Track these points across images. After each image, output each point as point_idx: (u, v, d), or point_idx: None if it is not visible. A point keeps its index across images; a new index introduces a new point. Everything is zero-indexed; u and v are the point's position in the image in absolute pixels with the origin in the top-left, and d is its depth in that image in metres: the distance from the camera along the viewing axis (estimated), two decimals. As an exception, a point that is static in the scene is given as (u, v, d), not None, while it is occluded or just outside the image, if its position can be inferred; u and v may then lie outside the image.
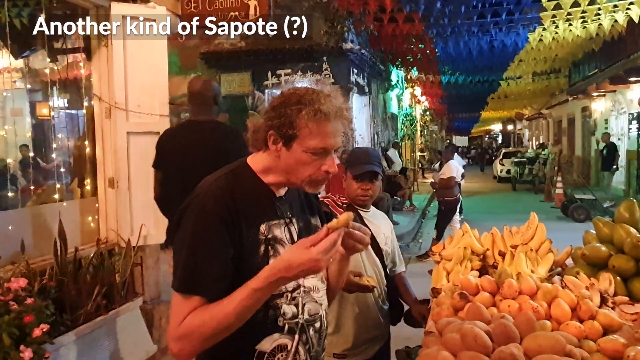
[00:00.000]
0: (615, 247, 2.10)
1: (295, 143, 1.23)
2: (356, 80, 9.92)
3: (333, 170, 1.25)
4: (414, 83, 17.41)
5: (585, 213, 10.62)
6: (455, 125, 38.96)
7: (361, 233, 1.26)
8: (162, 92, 3.67)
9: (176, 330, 1.17)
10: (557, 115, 23.45)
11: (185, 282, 1.20)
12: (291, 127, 1.22)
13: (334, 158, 1.26)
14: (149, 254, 3.88)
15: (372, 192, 2.25)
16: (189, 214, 1.24)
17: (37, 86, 4.07)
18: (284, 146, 1.24)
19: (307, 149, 1.23)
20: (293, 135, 1.22)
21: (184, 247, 1.21)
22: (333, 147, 1.25)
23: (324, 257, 1.14)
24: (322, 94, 1.24)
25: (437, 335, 1.62)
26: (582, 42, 11.21)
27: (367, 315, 2.24)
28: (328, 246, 1.14)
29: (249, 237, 1.24)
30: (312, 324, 1.33)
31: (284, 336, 1.28)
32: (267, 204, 1.31)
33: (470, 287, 1.87)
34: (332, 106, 1.23)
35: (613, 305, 1.82)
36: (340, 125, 1.27)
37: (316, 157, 1.24)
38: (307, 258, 1.13)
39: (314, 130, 1.22)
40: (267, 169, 1.31)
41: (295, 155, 1.24)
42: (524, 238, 2.33)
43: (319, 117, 1.21)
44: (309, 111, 1.21)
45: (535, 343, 1.32)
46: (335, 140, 1.25)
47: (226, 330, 1.17)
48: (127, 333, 3.44)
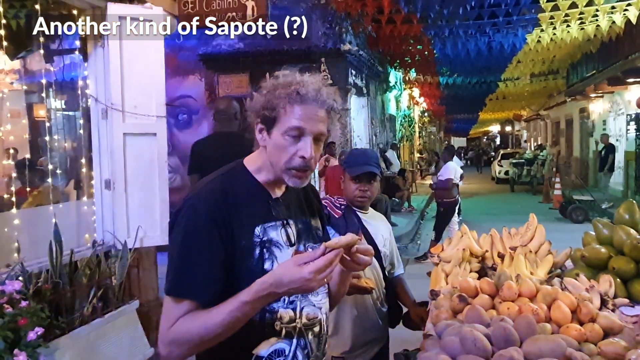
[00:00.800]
0: (615, 249, 2.09)
1: (275, 128, 1.23)
2: (354, 82, 9.92)
3: (307, 156, 1.21)
4: (412, 84, 17.41)
5: (583, 214, 10.63)
6: (454, 126, 39.00)
7: (366, 257, 1.20)
8: (159, 93, 3.64)
9: (166, 334, 1.16)
10: (555, 117, 23.48)
11: (176, 286, 1.18)
12: (271, 110, 1.22)
13: (311, 143, 1.22)
14: (146, 256, 3.85)
15: (370, 193, 2.23)
16: (181, 217, 1.22)
17: (34, 87, 4.05)
18: (267, 133, 1.24)
19: (284, 131, 1.22)
20: (273, 118, 1.22)
21: (176, 250, 1.20)
22: (310, 131, 1.22)
23: (316, 277, 1.10)
24: (301, 77, 1.24)
25: (436, 338, 1.60)
26: (580, 44, 11.21)
27: (366, 317, 2.23)
28: (322, 267, 1.09)
29: (243, 240, 1.22)
30: (310, 329, 1.30)
31: (281, 340, 1.25)
32: (263, 205, 1.28)
33: (469, 290, 1.85)
34: (310, 89, 1.22)
35: (613, 308, 1.80)
36: (321, 111, 1.23)
37: (293, 141, 1.22)
38: (298, 277, 1.09)
39: (289, 112, 1.21)
40: (259, 168, 1.30)
41: (276, 141, 1.23)
42: (523, 240, 2.32)
43: (295, 99, 1.21)
44: (286, 92, 1.21)
45: (536, 346, 1.30)
46: (313, 124, 1.22)
47: (215, 339, 1.16)
48: (124, 336, 3.41)
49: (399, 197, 11.84)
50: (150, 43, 3.59)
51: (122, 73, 3.50)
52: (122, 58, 3.49)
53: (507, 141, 42.91)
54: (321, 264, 1.09)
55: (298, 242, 1.31)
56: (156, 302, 3.91)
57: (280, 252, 1.26)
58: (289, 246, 1.29)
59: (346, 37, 9.07)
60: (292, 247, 1.30)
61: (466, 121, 35.36)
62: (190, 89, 9.00)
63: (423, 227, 10.60)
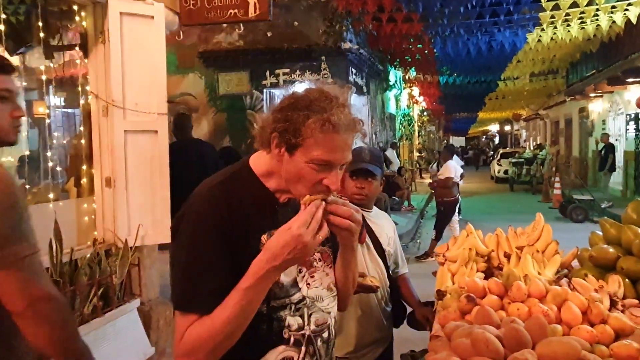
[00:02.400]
0: (624, 249, 2.07)
1: (299, 152, 1.13)
2: (355, 80, 9.88)
3: (335, 188, 1.14)
4: (412, 83, 17.40)
5: (583, 214, 10.63)
6: (453, 125, 39.05)
7: (347, 207, 1.14)
8: (160, 90, 3.61)
9: (179, 347, 1.13)
10: (554, 116, 23.49)
11: (183, 300, 1.14)
12: (295, 135, 1.11)
13: (338, 174, 1.15)
14: (147, 255, 3.82)
15: (367, 191, 2.17)
16: (185, 224, 1.17)
17: (33, 84, 4.00)
18: (286, 152, 1.15)
19: (310, 160, 1.12)
20: (297, 143, 1.12)
21: (180, 261, 1.16)
22: (339, 162, 1.14)
23: (306, 232, 1.06)
24: (334, 102, 1.12)
25: (445, 339, 1.57)
26: (580, 43, 11.21)
27: (370, 316, 2.20)
28: (307, 218, 1.07)
29: (249, 248, 1.16)
30: (319, 335, 1.26)
31: (289, 348, 1.21)
32: (269, 211, 1.22)
33: (477, 290, 1.83)
34: (345, 118, 1.12)
35: (623, 309, 1.78)
36: (351, 138, 1.15)
37: (319, 170, 1.13)
38: (289, 237, 1.06)
39: (319, 141, 1.10)
40: (269, 173, 1.22)
41: (297, 165, 1.14)
42: (530, 239, 2.29)
43: (328, 128, 1.10)
44: (317, 120, 1.10)
45: (550, 349, 1.28)
46: (343, 154, 1.14)
47: (228, 338, 1.12)
48: (124, 335, 3.38)
49: (399, 196, 11.82)
50: (152, 39, 3.56)
51: (123, 70, 3.46)
52: (123, 55, 3.45)
53: (506, 141, 42.95)
54: (305, 216, 1.07)
55: None
56: (157, 301, 3.88)
57: None
58: None
59: (347, 35, 9.03)
60: None
61: (465, 120, 35.42)
62: (190, 87, 8.96)
63: (423, 226, 10.59)
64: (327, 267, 1.32)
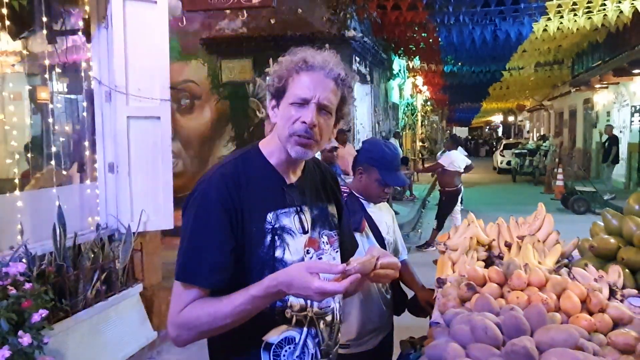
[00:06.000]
0: (625, 239, 2.07)
1: (283, 99, 1.22)
2: (358, 69, 9.83)
3: (308, 121, 1.18)
4: (415, 72, 17.29)
5: (585, 205, 10.61)
6: (456, 115, 38.84)
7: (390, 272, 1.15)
8: (163, 76, 3.60)
9: (175, 317, 1.17)
10: (558, 107, 23.35)
11: (184, 271, 1.17)
12: (280, 81, 1.22)
13: (313, 110, 1.19)
14: (149, 240, 3.85)
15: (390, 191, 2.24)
16: (193, 202, 1.20)
17: (36, 69, 4.00)
18: (276, 106, 1.24)
19: (291, 102, 1.21)
20: (281, 88, 1.22)
21: (186, 235, 1.19)
22: (314, 99, 1.19)
23: (321, 297, 1.11)
24: (310, 48, 1.24)
25: (444, 326, 1.59)
26: (587, 33, 11.09)
27: (371, 304, 2.21)
28: (329, 292, 1.09)
29: (255, 227, 1.20)
30: (322, 317, 1.28)
31: (291, 328, 1.23)
32: (276, 191, 1.25)
33: (477, 278, 1.84)
34: (320, 58, 1.21)
35: (622, 298, 1.79)
36: (328, 81, 1.21)
37: (297, 109, 1.20)
38: (306, 286, 1.08)
39: (296, 81, 1.21)
40: (272, 151, 1.27)
41: (282, 112, 1.23)
42: (531, 229, 2.30)
43: (302, 67, 1.20)
44: (292, 60, 1.21)
45: (548, 336, 1.29)
46: (318, 92, 1.19)
47: (222, 328, 1.16)
48: (127, 319, 3.42)
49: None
50: (155, 25, 3.55)
51: (126, 55, 3.45)
52: (126, 40, 3.44)
53: (510, 131, 42.77)
54: (330, 289, 1.08)
55: (312, 229, 1.29)
56: (159, 286, 3.92)
57: (292, 239, 1.24)
58: (303, 233, 1.26)
59: (351, 23, 8.95)
60: (305, 234, 1.27)
61: (469, 110, 35.20)
62: (192, 74, 8.92)
63: (424, 216, 10.60)
64: (333, 252, 1.34)
